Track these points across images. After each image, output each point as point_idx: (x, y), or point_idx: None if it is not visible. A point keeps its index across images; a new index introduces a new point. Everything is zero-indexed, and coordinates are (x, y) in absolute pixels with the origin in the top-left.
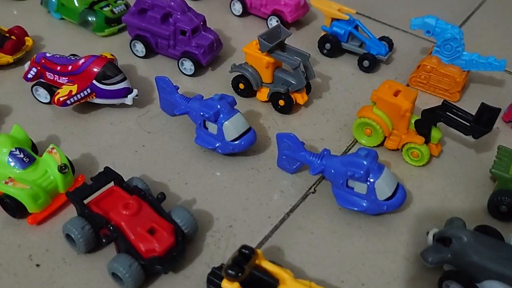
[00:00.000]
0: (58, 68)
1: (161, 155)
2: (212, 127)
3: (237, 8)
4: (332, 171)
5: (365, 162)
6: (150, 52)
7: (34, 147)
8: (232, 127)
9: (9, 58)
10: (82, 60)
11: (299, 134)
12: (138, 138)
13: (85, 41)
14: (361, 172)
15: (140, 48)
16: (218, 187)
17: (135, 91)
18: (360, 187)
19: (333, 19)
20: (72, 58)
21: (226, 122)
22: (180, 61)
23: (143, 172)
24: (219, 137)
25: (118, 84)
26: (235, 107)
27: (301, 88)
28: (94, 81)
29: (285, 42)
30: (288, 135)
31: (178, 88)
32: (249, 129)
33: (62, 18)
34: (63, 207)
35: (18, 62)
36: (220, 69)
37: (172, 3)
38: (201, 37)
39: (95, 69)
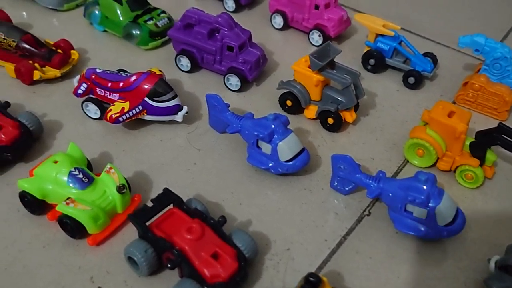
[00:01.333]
0: (109, 84)
1: (213, 173)
2: (265, 147)
3: (278, 21)
4: (390, 194)
5: (425, 187)
6: (195, 67)
7: (89, 165)
8: (286, 148)
9: (56, 72)
10: (134, 77)
11: (349, 153)
12: (189, 156)
13: (128, 55)
14: (422, 197)
15: (185, 62)
16: (272, 208)
17: (185, 108)
18: (419, 212)
19: (377, 35)
20: (123, 75)
21: (280, 143)
22: (226, 76)
23: (197, 192)
24: (272, 157)
25: (170, 102)
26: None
27: (350, 106)
28: (146, 98)
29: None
30: (344, 157)
31: (229, 106)
32: (302, 150)
33: (104, 31)
34: (121, 227)
35: (65, 76)
36: (265, 84)
37: (220, 19)
38: (248, 53)
39: (147, 86)
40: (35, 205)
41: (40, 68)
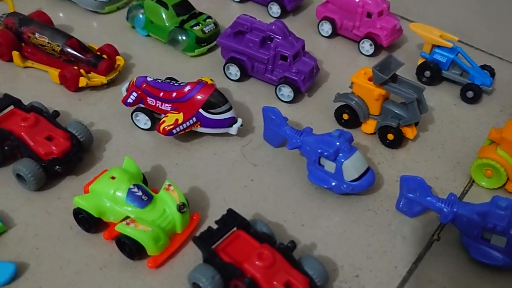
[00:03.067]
0: (161, 94)
1: (271, 191)
2: (329, 165)
3: (326, 29)
4: (464, 219)
5: (504, 213)
6: (244, 76)
7: (144, 180)
8: (352, 167)
9: (103, 79)
10: (188, 87)
11: (411, 171)
12: (245, 171)
13: (173, 61)
14: (503, 225)
15: (234, 71)
16: (336, 230)
17: (239, 121)
18: (499, 240)
19: (433, 46)
20: (176, 84)
21: (346, 162)
22: (278, 87)
23: (256, 211)
24: (336, 176)
25: (224, 114)
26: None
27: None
28: (200, 110)
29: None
30: (414, 179)
31: (287, 119)
32: (368, 169)
33: (147, 35)
34: (181, 248)
35: (111, 83)
36: (317, 95)
37: (273, 27)
38: (302, 62)
39: (202, 97)
40: (90, 223)
41: (85, 75)
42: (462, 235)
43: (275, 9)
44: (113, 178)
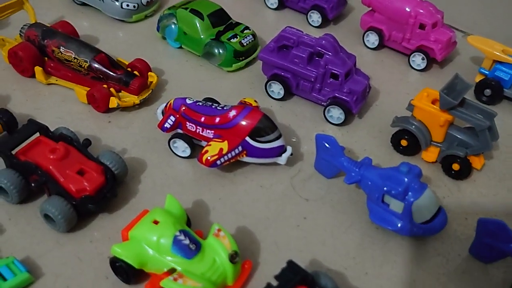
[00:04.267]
0: (202, 119)
1: (328, 232)
2: (395, 204)
3: (372, 40)
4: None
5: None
6: (288, 94)
7: (188, 221)
8: (423, 208)
9: (135, 99)
10: (233, 113)
11: (478, 206)
12: (296, 208)
13: (209, 77)
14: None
15: (277, 89)
16: (405, 280)
17: (289, 150)
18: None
19: (494, 62)
20: (218, 108)
21: (416, 201)
22: (327, 108)
23: (313, 256)
24: (404, 217)
25: (274, 142)
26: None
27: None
28: (247, 138)
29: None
30: (495, 222)
31: (344, 149)
32: (439, 209)
33: (180, 47)
34: None
35: (143, 102)
36: (368, 116)
37: (323, 42)
38: (354, 81)
39: (249, 124)
40: (130, 274)
41: (116, 94)
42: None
43: (316, 18)
44: (156, 222)
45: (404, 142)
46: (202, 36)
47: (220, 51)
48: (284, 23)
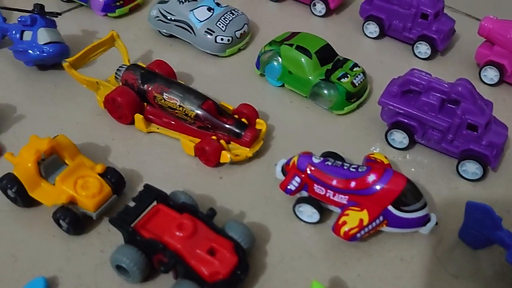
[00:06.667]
0: (334, 182)
1: None
2: None
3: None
4: None
5: None
6: (411, 143)
7: None
8: None
9: (247, 152)
10: (373, 177)
11: None
12: (444, 287)
13: (318, 121)
14: None
15: (399, 138)
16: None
17: (434, 218)
18: None
19: None
20: (351, 169)
21: None
22: (461, 162)
23: None
24: None
25: (419, 212)
26: None
27: None
28: (389, 207)
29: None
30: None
31: (501, 220)
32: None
33: (281, 85)
34: None
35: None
36: (506, 170)
37: (460, 89)
38: (493, 133)
39: (392, 192)
40: None
41: (227, 147)
42: None
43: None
44: None
45: None
46: (310, 77)
47: (331, 92)
48: (387, 54)
